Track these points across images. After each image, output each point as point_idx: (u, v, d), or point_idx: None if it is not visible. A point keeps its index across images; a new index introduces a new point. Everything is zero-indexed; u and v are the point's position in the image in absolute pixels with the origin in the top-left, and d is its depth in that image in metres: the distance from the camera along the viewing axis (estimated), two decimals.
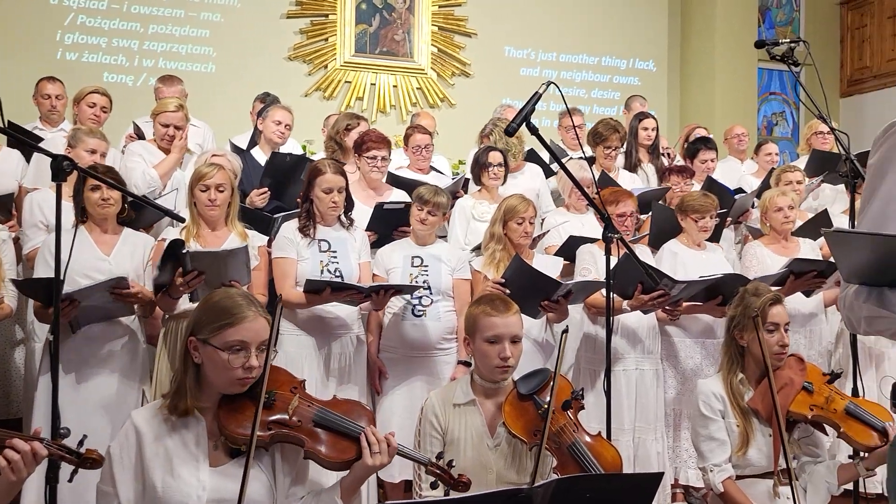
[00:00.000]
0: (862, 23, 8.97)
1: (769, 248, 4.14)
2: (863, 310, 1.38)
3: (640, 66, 8.77)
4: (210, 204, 3.30)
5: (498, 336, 2.39)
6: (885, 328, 1.38)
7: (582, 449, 2.34)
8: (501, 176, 4.28)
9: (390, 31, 7.91)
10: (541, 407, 2.35)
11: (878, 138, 1.47)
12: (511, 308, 2.46)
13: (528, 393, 2.40)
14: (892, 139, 1.42)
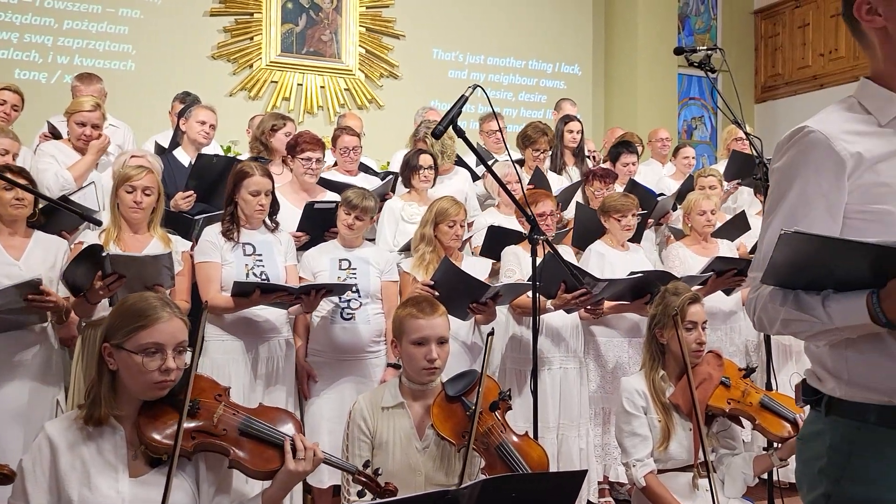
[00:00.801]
0: (775, 32, 9.36)
1: (691, 248, 4.27)
2: (780, 312, 1.39)
3: (566, 70, 8.93)
4: (135, 206, 3.20)
5: (424, 338, 2.40)
6: (802, 330, 1.39)
7: (509, 449, 2.37)
8: (431, 178, 4.28)
9: (317, 31, 7.84)
10: (469, 408, 2.37)
11: (783, 142, 1.49)
12: (437, 310, 2.47)
13: (456, 395, 2.41)
14: (801, 145, 1.44)
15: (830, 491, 1.44)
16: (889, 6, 1.43)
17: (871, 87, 1.49)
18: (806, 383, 1.55)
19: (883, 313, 1.27)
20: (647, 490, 2.75)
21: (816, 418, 1.51)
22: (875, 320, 1.29)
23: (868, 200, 1.40)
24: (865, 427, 1.41)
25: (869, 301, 1.29)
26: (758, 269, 1.46)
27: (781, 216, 1.44)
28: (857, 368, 1.42)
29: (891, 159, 1.42)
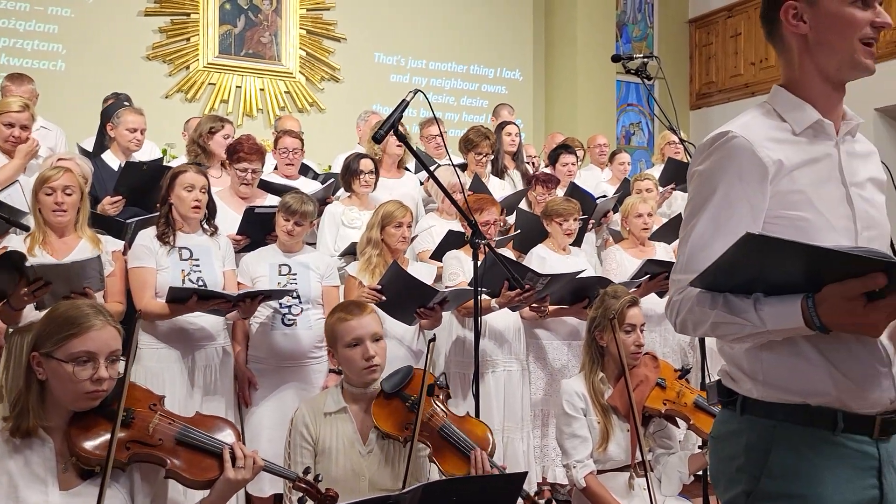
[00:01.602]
0: (708, 41, 9.61)
1: (628, 251, 4.36)
2: (709, 315, 1.39)
3: (508, 76, 9.02)
4: (57, 208, 3.08)
5: (358, 338, 2.39)
6: (731, 332, 1.39)
7: (453, 429, 2.38)
8: (372, 183, 4.27)
9: (256, 32, 7.74)
10: (408, 400, 2.39)
11: (705, 146, 1.50)
12: (365, 309, 2.47)
13: (392, 391, 2.42)
14: (724, 150, 1.46)
15: (750, 488, 1.47)
16: (815, 15, 1.47)
17: (785, 95, 1.52)
18: (721, 384, 1.57)
19: (818, 317, 1.29)
20: (587, 491, 2.79)
21: (731, 417, 1.53)
22: (809, 324, 1.31)
23: (784, 206, 1.43)
24: (781, 426, 1.45)
25: (804, 305, 1.30)
26: (681, 271, 1.47)
27: (706, 219, 1.45)
28: (773, 369, 1.45)
29: (805, 167, 1.46)
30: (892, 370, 1.46)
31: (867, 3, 1.45)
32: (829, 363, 1.42)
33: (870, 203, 1.53)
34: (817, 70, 1.50)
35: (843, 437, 1.44)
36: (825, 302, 1.29)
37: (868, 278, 1.24)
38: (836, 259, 1.25)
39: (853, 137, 1.57)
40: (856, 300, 1.26)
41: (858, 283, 1.25)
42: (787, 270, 1.30)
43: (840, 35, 1.46)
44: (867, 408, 1.44)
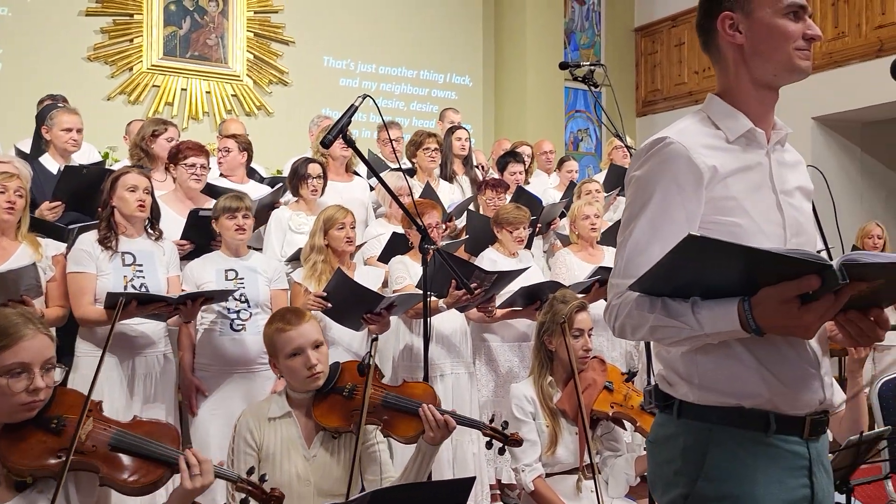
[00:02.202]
0: (653, 49, 9.81)
1: (577, 255, 4.40)
2: (648, 319, 1.40)
3: (457, 81, 9.05)
4: (10, 206, 3.02)
5: (299, 348, 2.37)
6: (669, 336, 1.40)
7: (394, 396, 2.42)
8: (320, 188, 4.23)
9: (202, 34, 7.61)
10: (344, 390, 2.41)
11: (642, 151, 1.52)
12: (303, 317, 2.45)
13: (326, 389, 2.41)
14: (661, 155, 1.48)
15: (687, 491, 1.49)
16: (750, 27, 1.51)
17: (720, 103, 1.56)
18: (657, 388, 1.59)
19: (754, 320, 1.32)
20: (536, 494, 2.80)
21: (668, 421, 1.55)
22: (745, 327, 1.33)
23: (718, 212, 1.46)
24: (716, 428, 1.47)
25: (740, 308, 1.32)
26: (619, 276, 1.48)
27: (643, 224, 1.47)
28: (707, 373, 1.48)
29: (738, 175, 1.49)
30: (820, 372, 1.50)
31: (798, 17, 1.50)
32: (762, 366, 1.45)
33: (798, 211, 1.57)
34: (752, 79, 1.54)
35: (775, 438, 1.47)
36: (760, 304, 1.31)
37: (802, 280, 1.27)
38: (773, 261, 1.27)
39: (783, 147, 1.61)
40: (790, 302, 1.29)
41: (793, 286, 1.27)
42: (725, 273, 1.32)
43: (775, 46, 1.50)
44: (798, 409, 1.48)
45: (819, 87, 7.48)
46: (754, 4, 1.50)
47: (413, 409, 2.38)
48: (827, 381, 1.52)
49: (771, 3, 1.49)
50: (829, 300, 1.28)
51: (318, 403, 2.41)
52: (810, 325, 1.31)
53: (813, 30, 1.50)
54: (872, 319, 1.39)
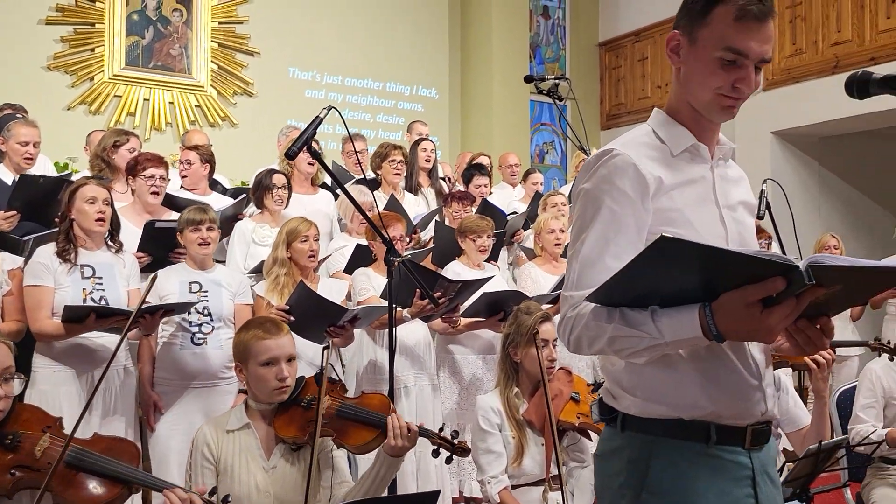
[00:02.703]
0: (617, 63, 9.94)
1: (542, 268, 4.42)
2: (607, 329, 1.38)
3: (424, 94, 9.07)
4: None
5: (274, 358, 2.37)
6: (629, 346, 1.38)
7: (348, 406, 2.44)
8: (285, 199, 4.20)
9: (166, 44, 7.54)
10: (303, 401, 2.40)
11: (591, 163, 1.52)
12: (282, 328, 2.45)
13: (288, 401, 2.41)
14: (609, 166, 1.47)
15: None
16: (687, 52, 1.51)
17: (665, 118, 1.58)
18: (602, 402, 1.59)
19: (715, 325, 1.31)
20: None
21: (613, 435, 1.55)
22: (706, 333, 1.32)
23: (663, 223, 1.47)
24: (659, 441, 1.48)
25: (701, 314, 1.32)
26: (572, 288, 1.47)
27: (594, 235, 1.47)
28: (650, 385, 1.48)
29: (681, 187, 1.51)
30: (762, 384, 1.51)
31: (737, 63, 1.46)
32: (704, 378, 1.46)
33: (741, 225, 1.59)
34: (690, 101, 1.55)
35: (716, 449, 1.48)
36: (722, 309, 1.31)
37: (768, 282, 1.26)
38: (742, 262, 1.27)
39: (726, 162, 1.63)
40: (753, 306, 1.28)
41: (757, 288, 1.27)
42: (686, 280, 1.32)
43: (700, 83, 1.50)
44: (739, 420, 1.49)
45: (778, 103, 7.65)
46: (702, 34, 1.48)
47: (367, 418, 2.40)
48: (769, 393, 1.53)
49: (714, 41, 1.46)
50: (792, 303, 1.28)
51: (279, 415, 2.40)
52: (774, 327, 1.30)
53: (743, 84, 1.47)
54: (819, 327, 1.40)
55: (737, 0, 1.43)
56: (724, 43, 1.45)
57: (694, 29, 1.49)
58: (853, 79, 1.49)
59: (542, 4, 10.09)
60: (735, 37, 1.44)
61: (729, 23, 1.44)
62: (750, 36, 1.44)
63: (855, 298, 1.52)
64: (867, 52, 6.99)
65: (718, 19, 1.45)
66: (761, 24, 1.44)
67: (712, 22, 1.46)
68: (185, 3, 7.63)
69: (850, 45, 7.17)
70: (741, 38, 1.44)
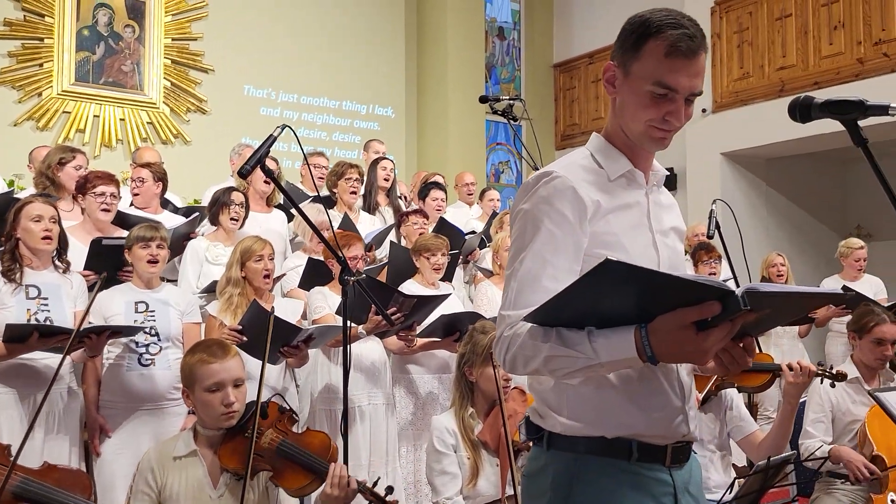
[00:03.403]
0: (571, 84, 10.10)
1: (498, 286, 4.43)
2: (543, 349, 1.38)
3: (380, 113, 9.08)
4: None
5: (220, 382, 2.32)
6: (564, 367, 1.38)
7: (290, 444, 2.38)
8: (242, 216, 4.15)
9: (117, 60, 7.42)
10: (248, 430, 2.35)
11: (529, 185, 1.53)
12: (229, 352, 2.40)
13: (237, 427, 2.36)
14: (548, 188, 1.48)
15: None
16: (623, 84, 1.54)
17: (603, 143, 1.60)
18: (529, 421, 1.60)
19: (650, 347, 1.32)
20: None
21: (539, 454, 1.57)
22: (641, 354, 1.32)
23: (598, 246, 1.49)
24: (581, 459, 1.50)
25: (637, 335, 1.32)
26: (509, 307, 1.48)
27: (532, 256, 1.48)
28: (575, 404, 1.50)
29: (617, 212, 1.53)
30: (685, 406, 1.54)
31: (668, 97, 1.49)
32: (629, 398, 1.49)
33: (672, 250, 1.62)
34: (625, 130, 1.58)
35: (638, 466, 1.50)
36: (658, 331, 1.32)
37: (704, 306, 1.29)
38: (682, 286, 1.29)
39: (659, 188, 1.67)
40: (688, 328, 1.31)
41: (693, 311, 1.29)
42: (623, 301, 1.33)
43: (633, 114, 1.53)
44: (661, 439, 1.52)
45: (726, 125, 7.84)
46: (635, 67, 1.51)
47: (305, 461, 2.36)
48: (691, 415, 1.56)
49: (646, 74, 1.49)
50: (727, 327, 1.31)
51: (225, 443, 2.35)
52: (708, 349, 1.32)
53: (673, 117, 1.49)
54: (742, 346, 1.44)
55: (668, 36, 1.46)
56: (655, 77, 1.47)
57: (628, 62, 1.52)
58: (796, 103, 1.53)
59: (498, 26, 10.22)
60: (665, 72, 1.47)
61: (660, 58, 1.47)
62: (680, 71, 1.47)
63: (781, 320, 1.57)
64: (811, 77, 7.22)
65: (650, 54, 1.48)
66: (691, 59, 1.47)
67: (644, 56, 1.49)
68: (138, 19, 7.54)
69: (795, 70, 7.40)
70: (671, 73, 1.46)
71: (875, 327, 3.31)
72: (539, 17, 10.37)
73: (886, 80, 6.60)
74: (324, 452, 2.39)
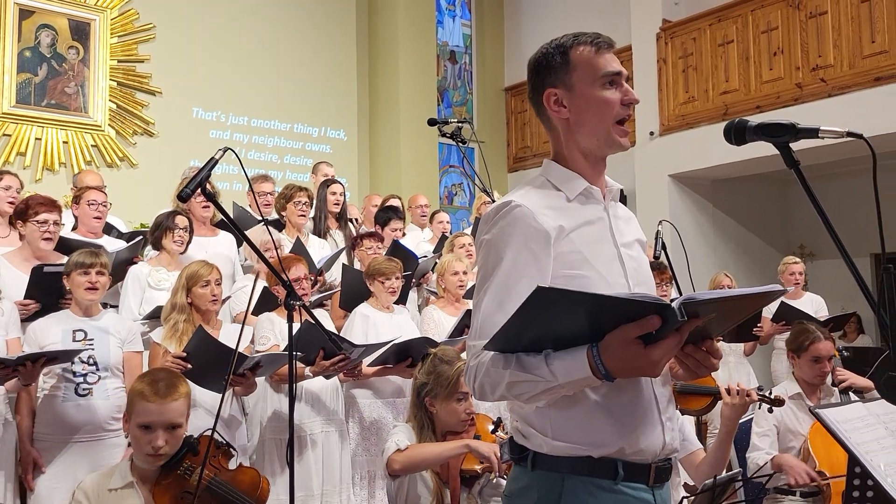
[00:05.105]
0: (523, 108, 10.20)
1: (444, 310, 4.41)
2: (504, 376, 1.42)
3: (332, 135, 9.04)
4: None
5: (151, 423, 2.26)
6: (527, 391, 1.42)
7: (220, 482, 2.37)
8: (185, 242, 4.06)
9: (60, 82, 7.25)
10: (180, 467, 2.32)
11: (490, 215, 1.56)
12: (175, 391, 2.33)
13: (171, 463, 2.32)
14: (509, 217, 1.52)
15: None
16: (573, 101, 1.60)
17: (556, 167, 1.64)
18: (512, 441, 1.61)
19: (603, 365, 1.36)
20: None
21: (522, 474, 1.57)
22: (595, 372, 1.36)
23: (565, 266, 1.52)
24: (568, 478, 1.51)
25: (589, 354, 1.36)
26: (475, 337, 1.51)
27: (496, 285, 1.51)
28: (560, 424, 1.52)
29: (581, 229, 1.57)
30: (663, 417, 1.57)
31: (615, 83, 1.60)
32: (609, 415, 1.51)
33: (637, 262, 1.66)
34: (579, 149, 1.63)
35: (623, 486, 1.52)
36: (608, 349, 1.35)
37: (644, 321, 1.32)
38: (617, 305, 1.32)
39: (615, 203, 1.71)
40: (634, 343, 1.34)
41: (634, 326, 1.32)
42: (573, 323, 1.36)
43: (597, 116, 1.60)
44: (643, 456, 1.54)
45: (673, 147, 8.00)
46: (575, 79, 1.59)
47: (232, 500, 2.35)
48: (668, 427, 1.58)
49: (589, 77, 1.59)
50: (674, 337, 1.34)
51: (160, 479, 2.31)
52: (657, 362, 1.36)
53: (630, 95, 1.60)
54: (705, 350, 1.48)
55: (585, 40, 1.60)
56: (598, 73, 1.59)
57: (564, 78, 1.61)
58: (731, 126, 1.58)
59: (450, 49, 10.31)
60: (604, 64, 1.60)
61: (591, 57, 1.60)
62: (611, 59, 1.61)
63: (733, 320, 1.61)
64: (753, 101, 7.42)
65: (581, 60, 1.60)
66: (612, 51, 1.62)
67: (577, 65, 1.60)
68: (82, 40, 7.40)
69: (738, 94, 7.60)
70: (608, 63, 1.60)
71: (811, 346, 3.37)
72: (490, 41, 10.48)
73: (824, 105, 6.82)
74: (253, 490, 2.39)
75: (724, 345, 5.46)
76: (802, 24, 7.14)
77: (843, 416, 2.13)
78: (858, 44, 6.74)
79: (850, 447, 2.01)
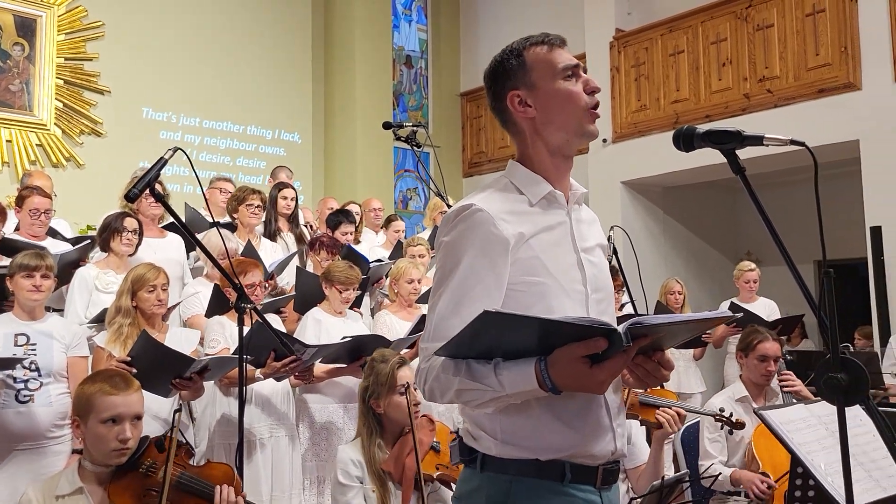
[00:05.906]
0: (478, 113, 10.25)
1: (397, 315, 4.39)
2: (454, 382, 1.44)
3: (286, 138, 8.96)
4: None
5: (118, 416, 2.22)
6: (475, 398, 1.44)
7: (188, 477, 2.33)
8: (134, 243, 3.98)
9: (4, 79, 7.05)
10: (141, 466, 2.28)
11: (450, 218, 1.56)
12: (132, 385, 2.31)
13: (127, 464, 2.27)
14: (469, 221, 1.51)
15: None
16: (538, 99, 1.61)
17: (521, 169, 1.64)
18: (462, 442, 1.62)
19: (550, 378, 1.38)
20: None
21: (472, 476, 1.58)
22: (542, 385, 1.38)
23: (524, 272, 1.53)
24: (517, 480, 1.52)
25: (537, 367, 1.38)
26: (428, 339, 1.51)
27: (451, 289, 1.51)
28: (509, 428, 1.53)
29: (541, 235, 1.57)
30: (613, 424, 1.59)
31: (574, 75, 1.61)
32: (559, 420, 1.52)
33: (597, 267, 1.67)
34: (547, 149, 1.63)
35: (570, 487, 1.53)
36: (555, 364, 1.38)
37: (591, 342, 1.35)
38: (564, 328, 1.35)
39: (580, 206, 1.72)
40: (581, 361, 1.36)
41: (582, 346, 1.35)
42: (522, 339, 1.39)
43: (565, 109, 1.60)
44: (591, 460, 1.55)
45: (626, 154, 8.13)
46: (535, 78, 1.60)
47: (204, 492, 2.30)
48: (619, 433, 1.60)
49: (549, 72, 1.60)
50: (620, 358, 1.37)
51: (116, 480, 2.24)
52: (603, 381, 1.38)
53: (591, 83, 1.62)
54: (656, 361, 1.50)
55: (537, 41, 1.63)
56: (557, 67, 1.61)
57: (525, 79, 1.61)
58: (679, 133, 1.60)
59: (406, 54, 10.31)
60: (559, 59, 1.62)
61: (546, 55, 1.62)
62: (564, 54, 1.63)
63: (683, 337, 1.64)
64: (703, 110, 7.58)
65: (536, 58, 1.62)
66: (564, 46, 1.65)
67: (533, 63, 1.61)
68: (28, 37, 7.20)
69: (688, 103, 7.76)
70: (563, 57, 1.63)
71: (758, 344, 3.49)
72: (446, 47, 10.51)
73: (770, 115, 7.01)
74: (228, 483, 2.34)
75: (674, 349, 5.55)
76: (750, 36, 7.32)
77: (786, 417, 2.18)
78: (803, 56, 6.94)
79: (792, 448, 2.06)
